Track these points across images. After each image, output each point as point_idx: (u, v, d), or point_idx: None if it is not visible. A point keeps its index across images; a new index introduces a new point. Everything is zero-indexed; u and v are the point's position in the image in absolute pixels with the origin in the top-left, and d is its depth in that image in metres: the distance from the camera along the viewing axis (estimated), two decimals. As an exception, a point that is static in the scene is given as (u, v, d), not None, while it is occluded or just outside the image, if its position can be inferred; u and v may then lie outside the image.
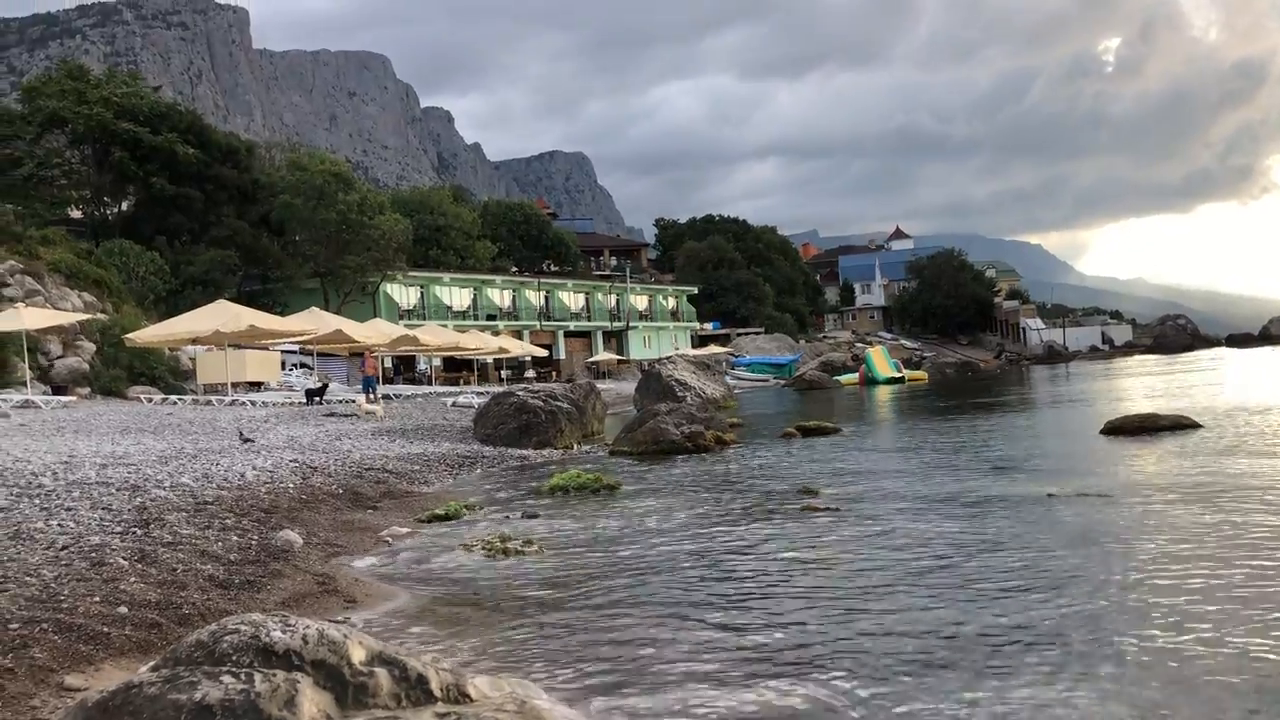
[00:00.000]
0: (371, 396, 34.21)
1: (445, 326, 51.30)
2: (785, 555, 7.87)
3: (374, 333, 39.03)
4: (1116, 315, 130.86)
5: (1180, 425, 15.65)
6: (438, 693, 2.97)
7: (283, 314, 40.05)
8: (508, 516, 10.80)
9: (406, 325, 46.67)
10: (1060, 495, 10.12)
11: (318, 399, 30.00)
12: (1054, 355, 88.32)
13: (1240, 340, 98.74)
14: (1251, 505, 8.74)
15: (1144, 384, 36.53)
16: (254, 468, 12.85)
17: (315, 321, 36.00)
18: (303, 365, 42.78)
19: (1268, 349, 76.97)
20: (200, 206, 48.38)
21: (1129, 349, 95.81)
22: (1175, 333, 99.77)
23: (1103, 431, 15.95)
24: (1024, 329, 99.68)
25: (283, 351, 40.74)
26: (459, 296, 63.09)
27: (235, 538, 8.10)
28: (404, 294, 59.14)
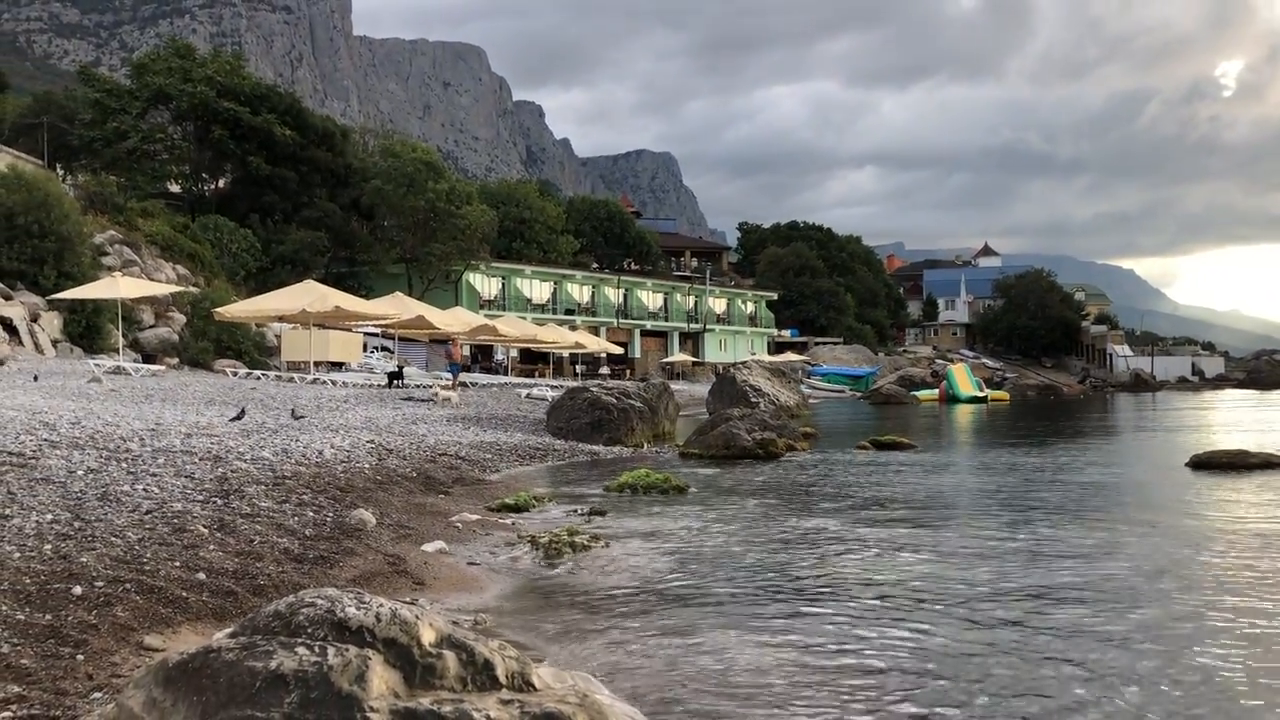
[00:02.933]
0: (455, 383, 34.74)
1: (524, 319, 51.83)
2: (851, 567, 7.79)
3: (454, 320, 39.58)
4: (1209, 346, 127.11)
5: (1271, 464, 15.13)
6: (503, 679, 3.00)
7: (367, 297, 40.86)
8: (576, 510, 10.87)
9: (486, 315, 47.27)
10: (1137, 527, 9.87)
11: (397, 382, 30.40)
12: (1140, 384, 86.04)
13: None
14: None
15: (1234, 419, 35.40)
16: (332, 446, 13.12)
17: (398, 306, 36.62)
18: (384, 348, 43.57)
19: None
20: (294, 187, 49.55)
21: (1220, 382, 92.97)
22: (1271, 368, 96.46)
23: (1188, 464, 15.50)
24: (1110, 355, 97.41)
25: (365, 334, 41.54)
26: (539, 290, 63.67)
27: (311, 513, 8.27)
28: (486, 284, 59.87)
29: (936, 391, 54.83)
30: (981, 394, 53.74)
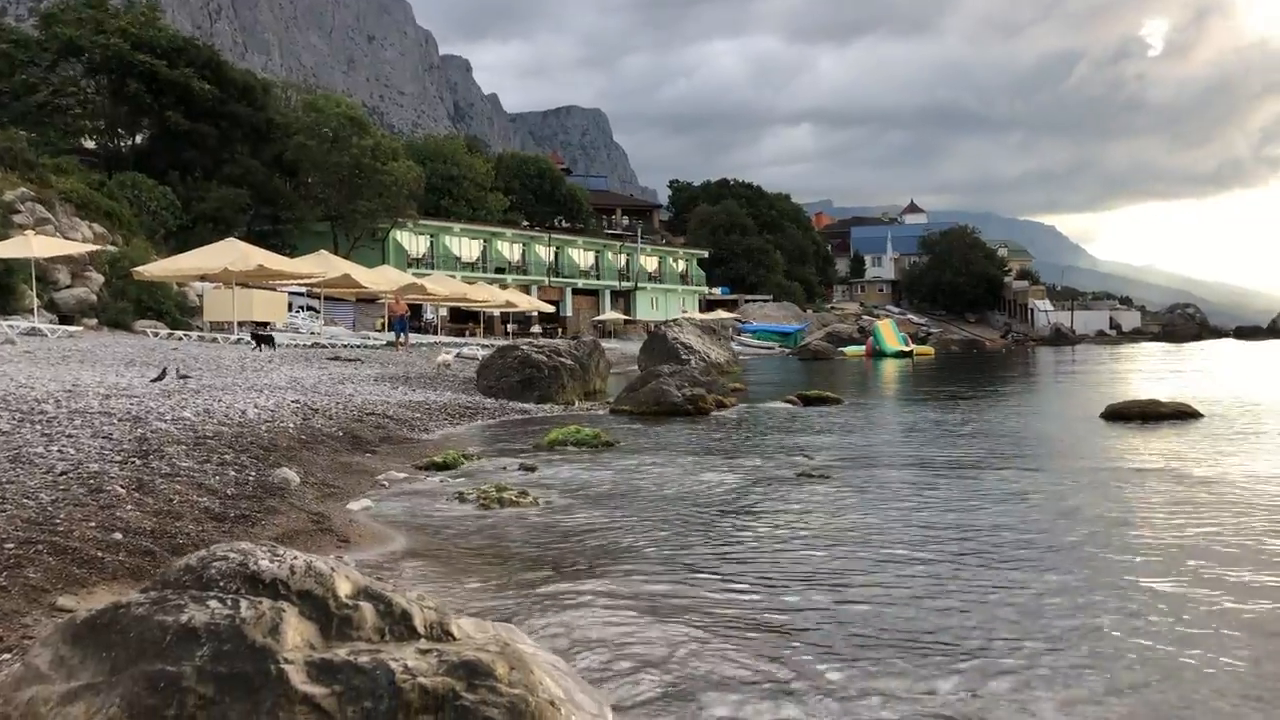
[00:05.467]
0: (403, 339, 34.35)
1: (453, 277, 51.39)
2: (774, 515, 7.91)
3: (381, 279, 39.11)
4: (1126, 301, 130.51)
5: (1182, 414, 15.64)
6: (421, 629, 3.01)
7: (292, 255, 40.14)
8: (505, 467, 10.87)
9: (414, 274, 46.72)
10: (1051, 473, 10.17)
11: (265, 346, 26.98)
12: (1060, 338, 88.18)
13: (1249, 333, 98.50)
14: (1234, 495, 8.76)
15: (1148, 371, 36.48)
16: (256, 406, 12.92)
17: (323, 265, 36.07)
18: (309, 308, 42.89)
19: (1276, 343, 76.75)
20: (214, 143, 48.30)
21: (1136, 335, 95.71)
22: (1184, 322, 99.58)
23: (1103, 415, 15.95)
24: (1032, 310, 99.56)
25: (290, 293, 40.84)
26: (468, 248, 63.04)
27: (233, 473, 8.16)
28: (413, 242, 59.14)
29: (863, 347, 55.62)
30: (907, 349, 54.63)
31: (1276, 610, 5.22)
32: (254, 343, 27.15)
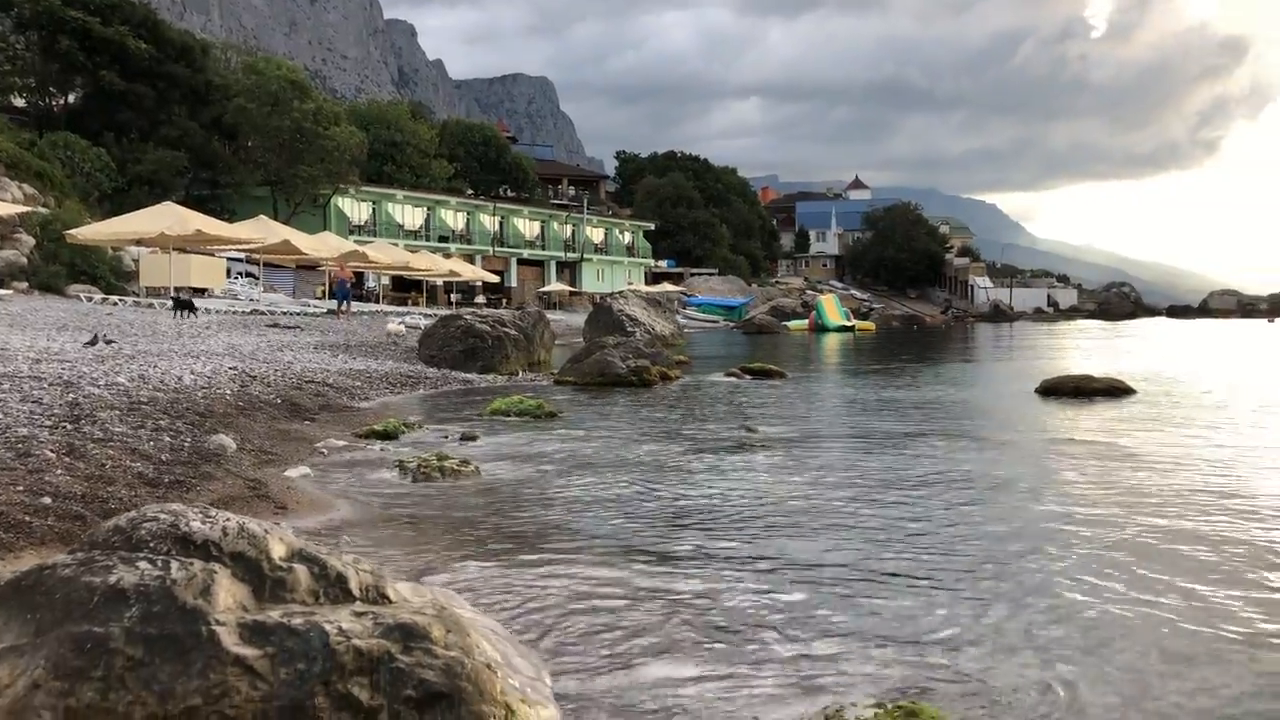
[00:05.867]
0: (344, 306, 33.90)
1: (396, 245, 50.80)
2: (716, 485, 7.98)
3: (322, 246, 38.57)
4: (1064, 279, 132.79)
5: (1114, 390, 15.98)
6: (356, 592, 3.00)
7: (231, 220, 39.39)
8: (446, 437, 10.82)
9: (356, 241, 46.13)
10: (984, 445, 10.36)
11: (185, 312, 25.58)
12: (999, 314, 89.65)
13: (1180, 311, 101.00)
14: (1163, 469, 8.99)
15: (1083, 347, 37.22)
16: (192, 372, 12.71)
17: (263, 230, 35.46)
18: (248, 274, 42.19)
19: (1206, 321, 78.71)
20: (150, 104, 47.12)
21: (1073, 313, 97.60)
22: (1119, 300, 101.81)
23: (1038, 391, 16.26)
24: (972, 287, 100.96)
25: (228, 259, 40.12)
26: (411, 215, 62.30)
27: (168, 439, 8.03)
28: (355, 209, 58.31)
29: (806, 322, 56.06)
30: (849, 324, 55.19)
31: (1168, 556, 5.39)
32: (174, 308, 26.13)
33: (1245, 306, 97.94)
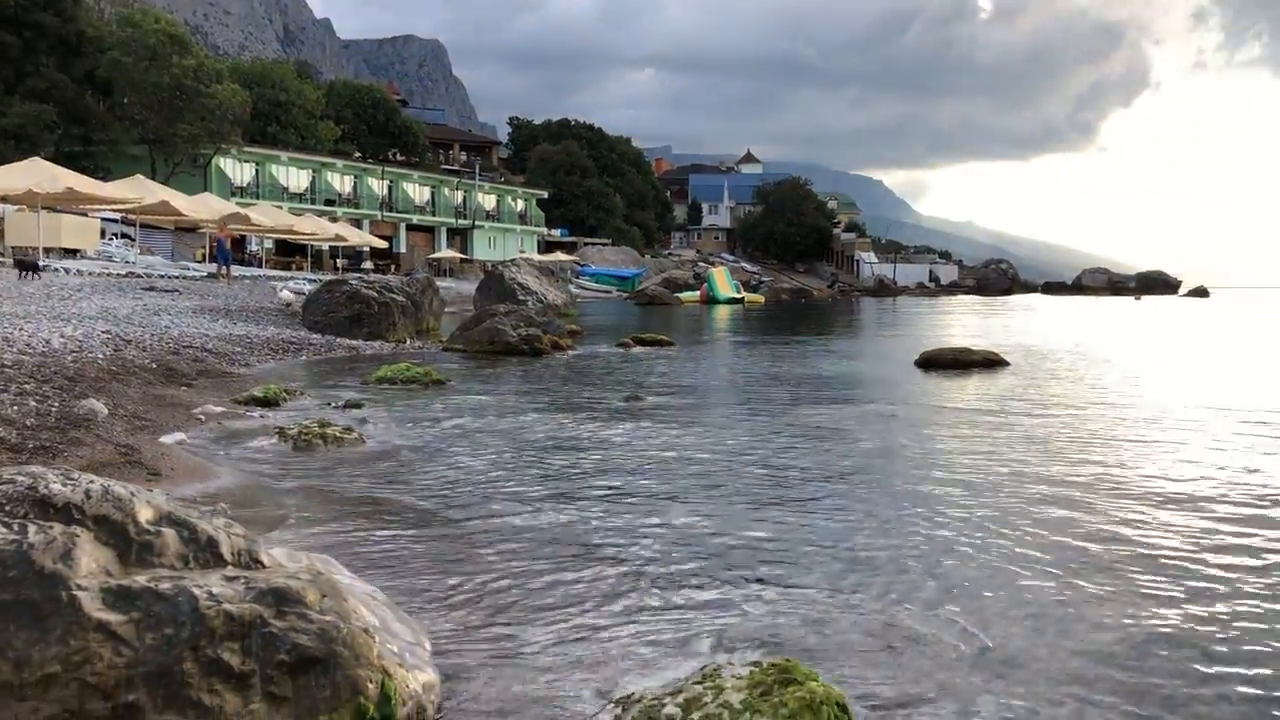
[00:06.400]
0: (225, 270, 32.77)
1: (280, 208, 49.33)
2: (601, 452, 8.03)
3: (202, 207, 37.31)
4: (946, 255, 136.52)
5: (989, 362, 16.56)
6: (228, 556, 2.94)
7: (105, 179, 37.73)
8: (330, 403, 10.64)
9: (238, 203, 44.67)
10: (863, 413, 10.64)
11: (28, 274, 23.84)
12: (883, 289, 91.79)
13: (1055, 288, 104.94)
14: (1030, 433, 9.37)
15: (962, 321, 38.39)
16: (61, 336, 12.21)
17: (140, 190, 34.09)
18: (124, 235, 40.54)
19: (1078, 298, 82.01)
20: (16, 54, 44.68)
21: (954, 288, 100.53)
22: (997, 276, 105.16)
23: (917, 363, 16.74)
24: (858, 262, 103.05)
25: (103, 219, 38.47)
26: (297, 178, 60.60)
27: (34, 403, 7.72)
28: (238, 170, 56.48)
29: (698, 293, 56.51)
30: (739, 296, 55.87)
31: (1030, 514, 5.65)
32: (18, 269, 24.59)
33: (1115, 284, 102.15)
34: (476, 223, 74.98)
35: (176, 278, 29.22)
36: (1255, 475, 7.54)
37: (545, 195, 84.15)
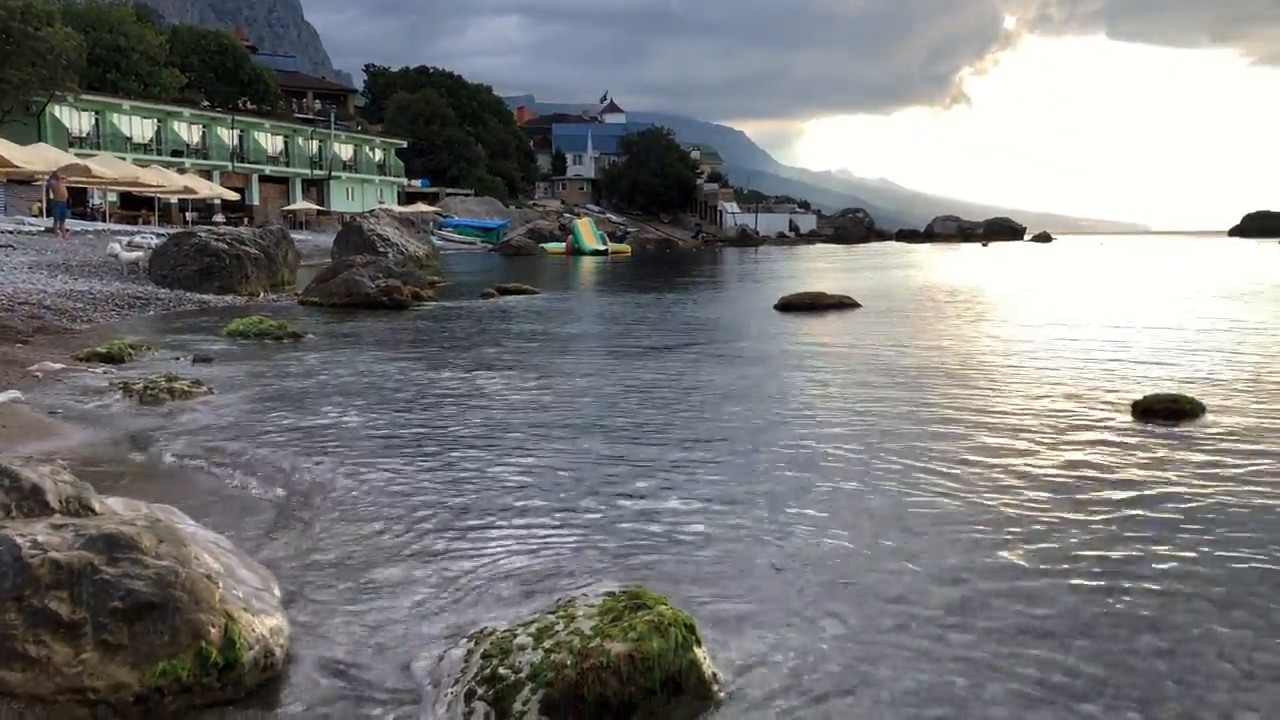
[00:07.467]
0: (61, 226, 31.02)
1: (123, 159, 46.94)
2: (462, 400, 7.99)
3: (36, 158, 35.29)
4: (805, 205, 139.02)
5: (843, 304, 17.09)
6: (55, 505, 2.84)
7: (-77, 128, 35.17)
8: (179, 358, 10.28)
9: (77, 154, 42.31)
10: (724, 354, 10.86)
11: None
12: (745, 239, 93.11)
13: (908, 235, 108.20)
14: (874, 362, 9.73)
15: (820, 269, 39.30)
16: (-123, 293, 11.43)
17: (-36, 140, 31.91)
18: (-52, 188, 37.97)
19: (929, 245, 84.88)
20: None
21: (813, 237, 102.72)
22: (854, 225, 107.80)
23: (776, 307, 17.12)
24: (721, 212, 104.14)
25: (-77, 171, 35.93)
26: (140, 128, 57.69)
27: None
28: (75, 119, 53.43)
29: (563, 245, 56.25)
30: (604, 247, 55.84)
31: (877, 440, 5.91)
32: None
33: (965, 231, 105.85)
34: (333, 173, 72.82)
35: (10, 232, 27.60)
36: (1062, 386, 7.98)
37: (404, 145, 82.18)
